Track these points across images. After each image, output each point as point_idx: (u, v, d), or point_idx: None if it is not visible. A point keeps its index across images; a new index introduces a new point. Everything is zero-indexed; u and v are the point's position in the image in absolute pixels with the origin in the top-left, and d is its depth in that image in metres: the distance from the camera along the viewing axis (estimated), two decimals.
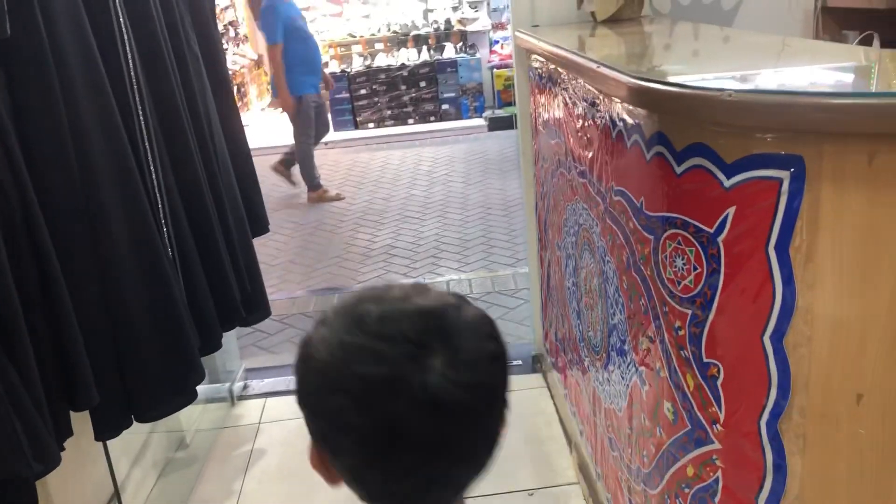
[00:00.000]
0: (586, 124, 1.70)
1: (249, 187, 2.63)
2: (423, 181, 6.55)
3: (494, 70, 8.19)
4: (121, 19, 1.83)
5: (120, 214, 1.79)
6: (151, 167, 1.96)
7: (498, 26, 8.56)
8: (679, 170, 1.18)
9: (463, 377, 0.68)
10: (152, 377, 1.83)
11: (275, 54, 5.89)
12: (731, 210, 1.09)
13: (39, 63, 1.58)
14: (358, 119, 8.28)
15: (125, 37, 1.85)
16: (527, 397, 2.70)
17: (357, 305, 0.73)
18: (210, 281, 2.09)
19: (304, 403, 0.75)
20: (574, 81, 1.77)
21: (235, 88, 7.96)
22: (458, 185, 6.33)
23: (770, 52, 1.63)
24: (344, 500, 0.79)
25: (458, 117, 8.13)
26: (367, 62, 8.43)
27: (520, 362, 2.94)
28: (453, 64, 8.13)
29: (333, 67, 8.50)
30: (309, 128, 6.15)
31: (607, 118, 1.53)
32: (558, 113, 2.04)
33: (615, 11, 2.33)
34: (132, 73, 1.87)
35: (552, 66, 2.06)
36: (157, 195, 1.97)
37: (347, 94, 8.21)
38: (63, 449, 1.63)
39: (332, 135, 8.17)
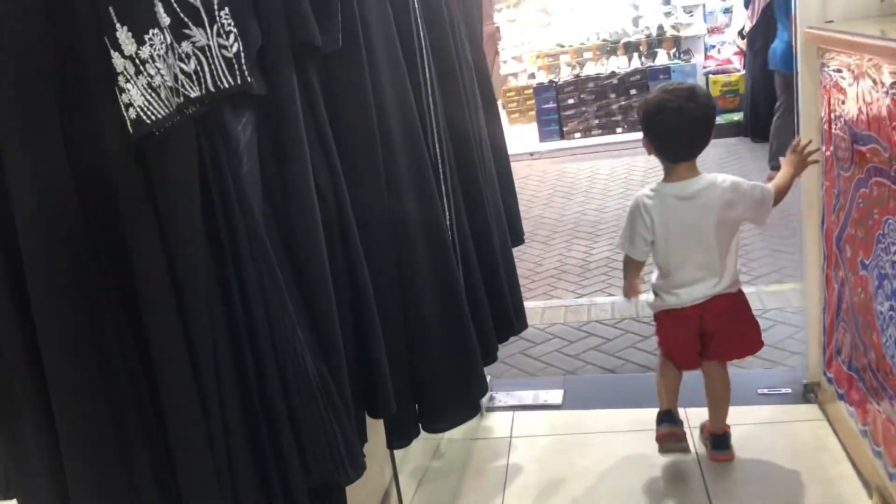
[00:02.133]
0: None
1: (509, 197, 2.60)
2: (636, 192, 6.33)
3: (710, 76, 7.79)
4: (420, 29, 1.84)
5: (418, 224, 1.79)
6: (442, 176, 1.96)
7: (714, 30, 8.15)
8: None
9: (700, 109, 2.15)
10: (443, 387, 1.81)
11: None
12: None
13: (358, 70, 1.60)
14: (564, 129, 8.17)
15: (423, 47, 1.85)
16: (804, 430, 2.46)
17: (664, 86, 2.22)
18: (487, 291, 2.05)
19: (642, 120, 2.22)
20: None
21: None
22: None
23: None
24: None
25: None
26: (576, 71, 8.31)
27: (788, 391, 2.69)
28: (666, 70, 7.82)
29: (541, 78, 8.47)
30: None
31: None
32: (879, 116, 1.82)
33: None
34: (428, 85, 1.87)
35: (872, 64, 1.84)
36: (447, 204, 1.96)
37: (554, 105, 8.13)
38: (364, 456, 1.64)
39: (537, 145, 8.16)
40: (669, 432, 2.40)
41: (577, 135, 8.12)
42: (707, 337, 2.28)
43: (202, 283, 1.30)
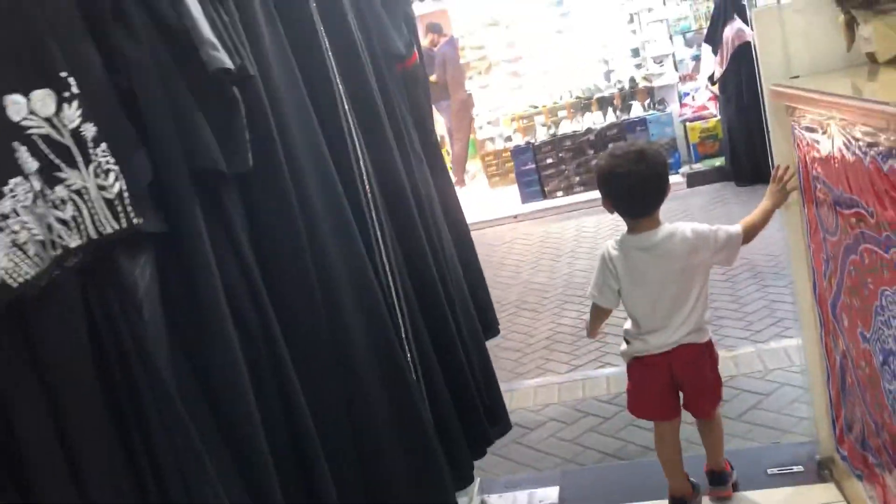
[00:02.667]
0: None
1: (475, 282, 2.43)
2: None
3: (687, 123, 7.73)
4: (354, 134, 1.70)
5: (364, 336, 1.62)
6: (389, 277, 1.79)
7: (686, 78, 8.13)
8: None
9: (651, 169, 2.15)
10: None
11: None
12: None
13: (279, 185, 1.45)
14: (546, 189, 8.07)
15: (357, 148, 1.71)
16: None
17: (612, 150, 2.26)
18: (457, 403, 1.86)
19: (599, 184, 2.24)
20: None
21: None
22: None
23: None
24: None
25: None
26: (552, 131, 8.26)
27: (800, 468, 2.47)
28: (643, 122, 7.76)
29: (517, 140, 8.41)
30: None
31: None
32: (859, 178, 1.66)
33: None
34: (367, 184, 1.72)
35: (844, 122, 1.70)
36: (398, 307, 1.79)
37: (533, 165, 8.05)
38: None
39: (520, 207, 8.05)
40: None
41: (559, 193, 8.02)
42: (682, 391, 2.34)
43: (101, 461, 1.12)
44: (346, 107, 1.70)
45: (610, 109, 8.17)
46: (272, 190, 1.43)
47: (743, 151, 6.74)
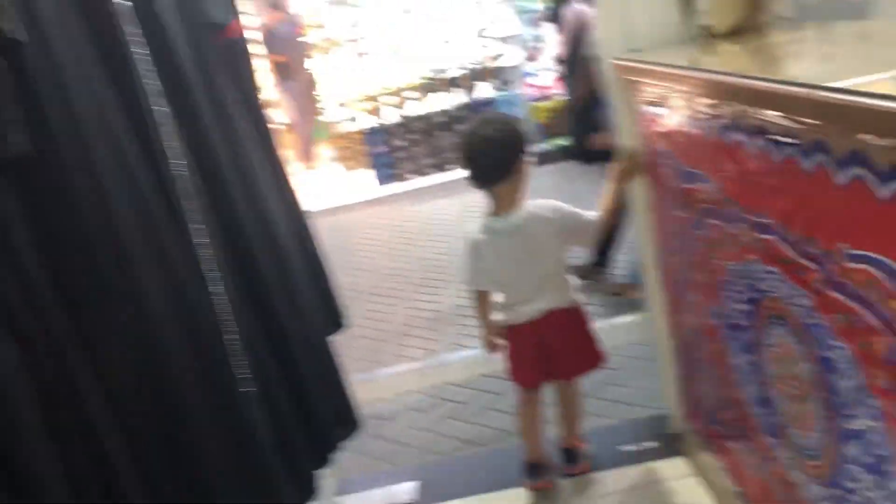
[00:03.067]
0: (774, 167, 1.29)
1: (317, 274, 2.25)
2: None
3: (533, 103, 7.83)
4: (161, 109, 1.48)
5: (182, 344, 1.42)
6: (212, 277, 1.59)
7: (532, 58, 8.21)
8: None
9: (494, 133, 2.16)
10: None
11: None
12: None
13: (64, 179, 1.22)
14: (399, 171, 7.95)
15: (168, 132, 1.49)
16: (679, 492, 2.24)
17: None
18: (297, 412, 1.69)
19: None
20: (746, 113, 1.35)
21: None
22: None
23: None
24: None
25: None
26: (402, 112, 8.12)
27: (653, 444, 2.49)
28: (491, 103, 7.78)
29: (366, 122, 8.22)
30: None
31: (827, 160, 1.12)
32: (702, 152, 1.63)
33: (736, 22, 1.92)
34: (177, 166, 1.51)
35: (687, 96, 1.66)
36: (225, 310, 1.60)
37: (386, 148, 7.90)
38: None
39: (375, 190, 7.88)
40: (536, 486, 2.44)
41: (412, 176, 7.92)
42: (551, 356, 2.36)
43: None
44: (152, 81, 1.48)
45: (458, 90, 8.13)
46: (54, 179, 1.21)
47: (588, 130, 6.87)
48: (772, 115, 1.26)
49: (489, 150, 2.15)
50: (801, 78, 1.22)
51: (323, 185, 8.10)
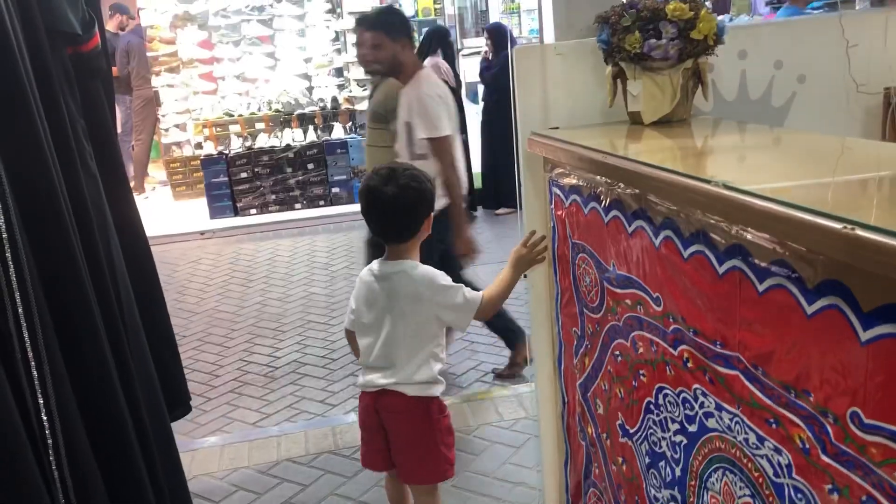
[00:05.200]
0: (755, 296, 1.10)
1: (163, 341, 1.85)
2: (321, 277, 5.79)
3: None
4: None
5: None
6: (27, 348, 1.19)
7: None
8: None
9: (398, 193, 1.95)
10: None
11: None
12: None
13: None
14: (238, 205, 7.44)
15: None
16: None
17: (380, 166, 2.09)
18: None
19: None
20: (682, 215, 1.17)
21: None
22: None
23: None
24: None
25: (351, 201, 7.42)
26: (248, 143, 7.65)
27: None
28: (343, 145, 7.50)
29: (209, 149, 7.67)
30: None
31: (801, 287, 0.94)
32: (643, 260, 1.45)
33: (668, 112, 1.79)
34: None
35: (625, 191, 1.47)
36: (40, 396, 1.19)
37: (226, 178, 7.37)
38: None
39: (208, 223, 7.31)
40: None
41: (253, 211, 7.44)
42: (390, 447, 2.13)
43: None
44: None
45: (311, 128, 7.80)
46: None
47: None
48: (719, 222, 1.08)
49: (391, 213, 2.01)
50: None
51: (151, 211, 7.41)
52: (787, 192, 1.05)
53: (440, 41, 6.38)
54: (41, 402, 1.24)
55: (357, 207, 2.45)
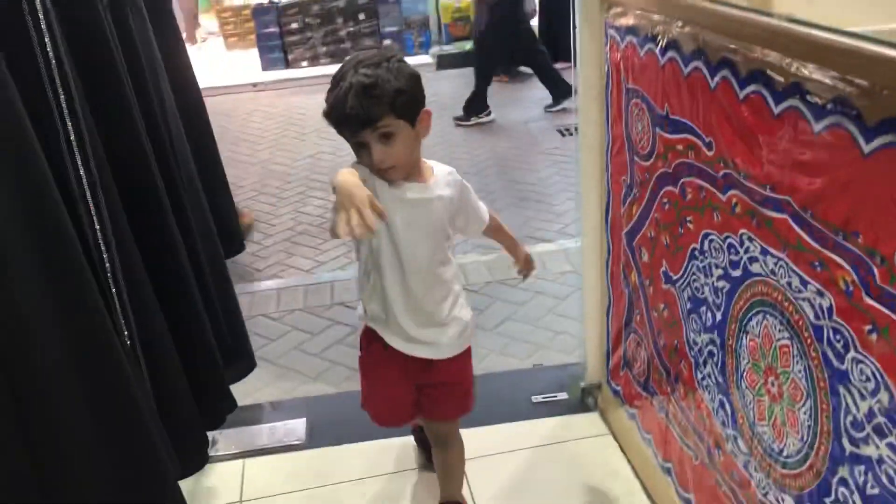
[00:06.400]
0: (811, 137, 1.07)
1: (216, 183, 1.89)
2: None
3: (440, 1, 7.39)
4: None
5: (39, 280, 1.07)
6: (86, 187, 1.23)
7: None
8: None
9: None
10: None
11: None
12: None
13: None
14: (290, 56, 7.35)
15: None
16: (589, 452, 2.11)
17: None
18: (188, 363, 1.38)
19: None
20: (782, 62, 1.11)
21: None
22: None
23: None
24: None
25: (402, 54, 7.26)
26: None
27: (564, 396, 2.34)
28: None
29: None
30: None
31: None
32: (696, 102, 1.40)
33: None
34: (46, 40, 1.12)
35: (683, 30, 1.40)
36: (101, 236, 1.25)
37: (277, 29, 7.26)
38: None
39: (261, 75, 7.27)
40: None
41: (304, 63, 7.35)
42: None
43: None
44: None
45: None
46: None
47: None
48: (805, 66, 1.03)
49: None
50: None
51: (203, 63, 7.38)
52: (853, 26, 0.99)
53: None
54: (100, 238, 1.28)
55: (409, 60, 2.36)
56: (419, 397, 1.75)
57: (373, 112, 1.43)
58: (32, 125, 1.06)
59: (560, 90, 5.65)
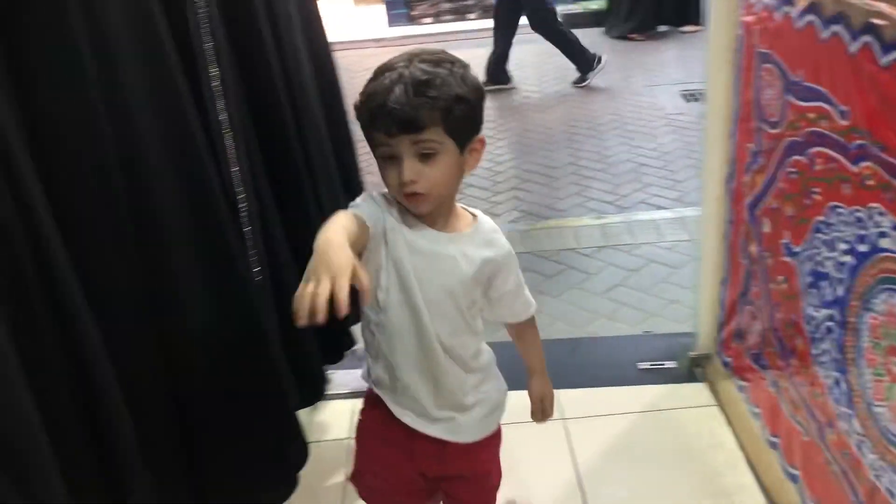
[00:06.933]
0: None
1: (340, 136, 1.96)
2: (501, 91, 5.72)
3: None
4: None
5: (181, 214, 1.17)
6: (222, 127, 1.32)
7: None
8: None
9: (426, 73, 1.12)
10: (235, 464, 1.25)
11: None
12: None
13: None
14: (413, 13, 7.41)
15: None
16: (694, 422, 2.09)
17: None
18: None
19: None
20: None
21: None
22: (535, 97, 5.54)
23: None
24: None
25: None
26: None
27: (673, 364, 2.32)
28: None
29: None
30: None
31: None
32: (832, 68, 1.34)
33: None
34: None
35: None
36: (234, 176, 1.33)
37: None
38: None
39: (385, 30, 7.37)
40: None
41: (428, 20, 7.39)
42: None
43: None
44: None
45: None
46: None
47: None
48: None
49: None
50: None
51: (329, 17, 7.54)
52: None
53: None
54: (234, 170, 1.36)
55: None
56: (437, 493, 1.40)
57: (420, 116, 1.09)
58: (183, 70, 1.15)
59: (585, 59, 5.50)
